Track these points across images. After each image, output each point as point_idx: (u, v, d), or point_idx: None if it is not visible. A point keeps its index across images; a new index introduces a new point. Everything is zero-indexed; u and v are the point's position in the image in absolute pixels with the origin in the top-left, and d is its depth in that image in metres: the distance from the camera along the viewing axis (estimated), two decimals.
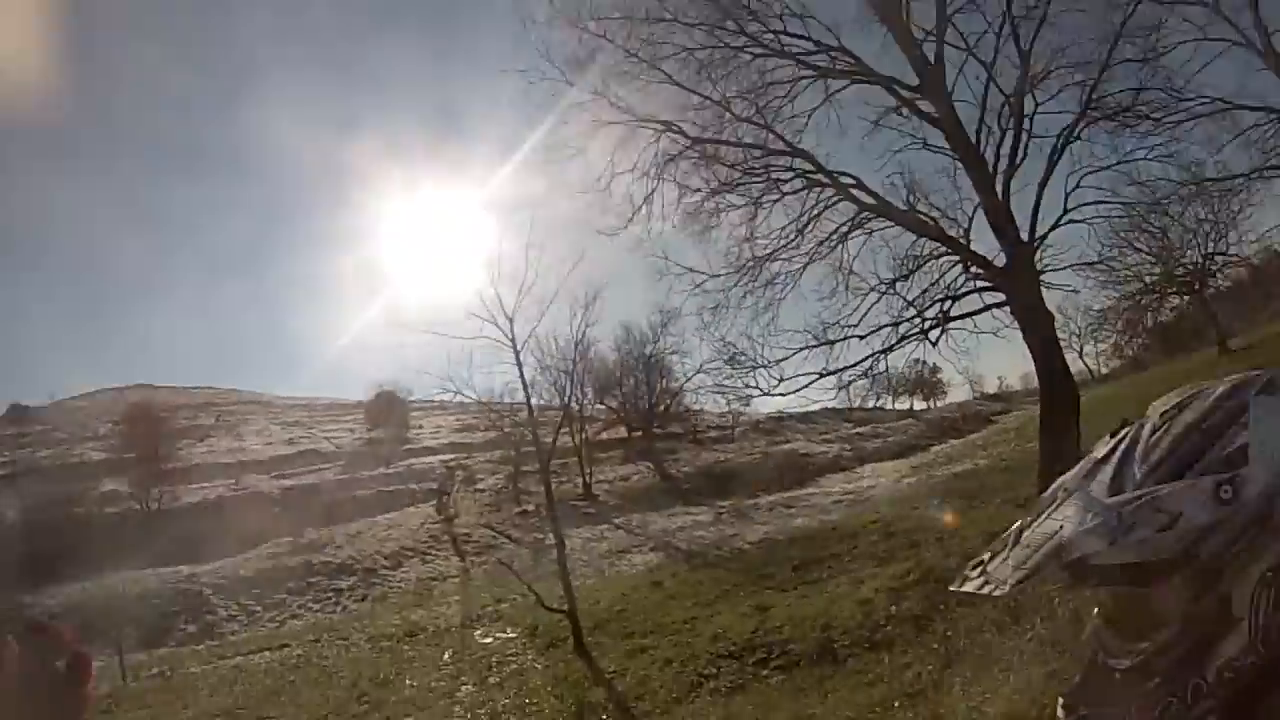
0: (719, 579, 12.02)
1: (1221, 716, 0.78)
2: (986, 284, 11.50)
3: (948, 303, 11.71)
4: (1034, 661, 4.88)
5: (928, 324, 11.68)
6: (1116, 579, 0.79)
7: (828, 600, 8.99)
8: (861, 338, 11.85)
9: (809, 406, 40.56)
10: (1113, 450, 0.83)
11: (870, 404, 39.41)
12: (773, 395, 11.82)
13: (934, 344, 11.67)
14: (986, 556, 0.88)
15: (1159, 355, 39.35)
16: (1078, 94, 11.20)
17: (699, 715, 6.40)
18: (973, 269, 11.54)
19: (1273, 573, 0.75)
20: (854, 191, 11.52)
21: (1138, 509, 0.76)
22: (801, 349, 11.82)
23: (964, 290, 11.69)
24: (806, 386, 11.75)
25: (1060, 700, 0.93)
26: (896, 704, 5.45)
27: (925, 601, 7.87)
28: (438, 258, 24.77)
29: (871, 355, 11.78)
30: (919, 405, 45.69)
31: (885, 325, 11.81)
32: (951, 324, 11.73)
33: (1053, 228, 11.55)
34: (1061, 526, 0.79)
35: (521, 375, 12.01)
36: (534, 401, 13.86)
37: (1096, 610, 0.89)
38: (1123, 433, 0.85)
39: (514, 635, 12.50)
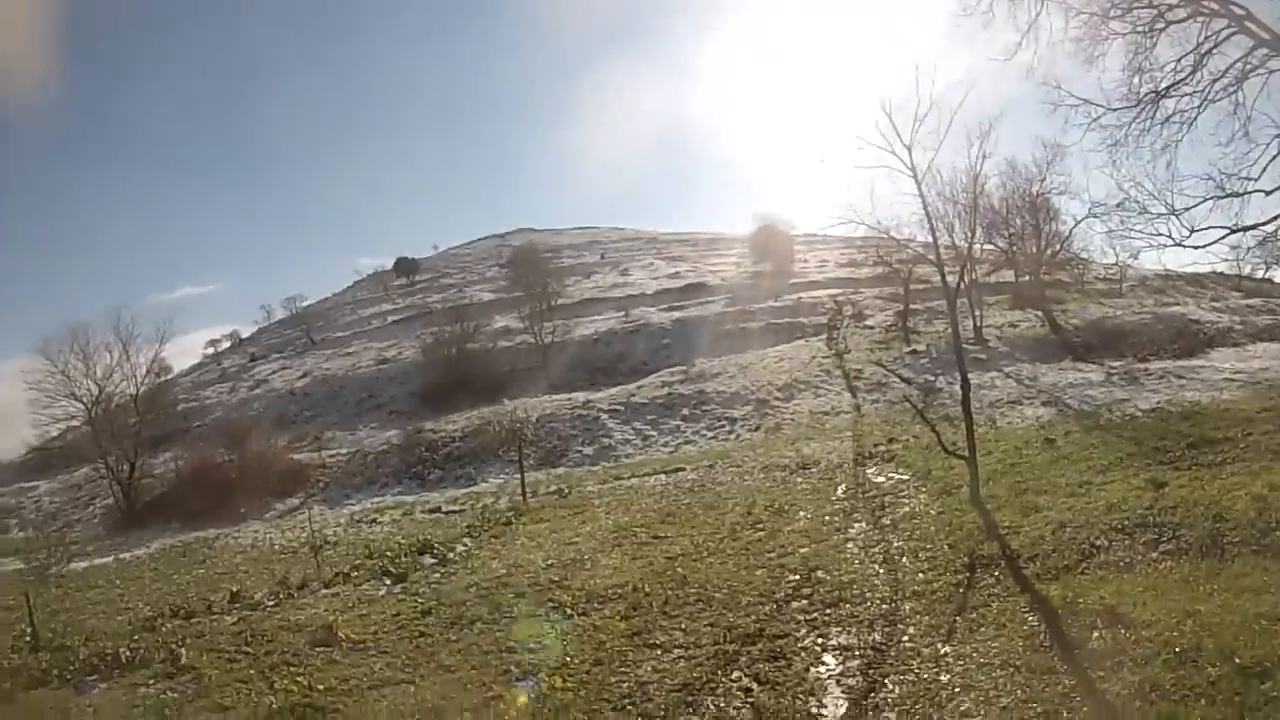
0: (1111, 445, 11.93)
1: None
2: None
3: None
4: None
5: None
6: None
7: (1221, 489, 8.46)
8: (1266, 193, 10.59)
9: (1194, 266, 33.48)
10: None
11: (1260, 274, 33.73)
12: (1184, 246, 10.62)
13: None
14: None
15: None
16: None
17: (1089, 589, 6.16)
18: None
19: None
20: (1248, 24, 10.07)
21: None
22: (1205, 200, 10.58)
23: None
24: (1220, 241, 10.57)
25: None
26: None
27: None
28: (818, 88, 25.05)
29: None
30: None
31: None
32: None
33: None
34: None
35: (925, 207, 12.02)
36: (924, 239, 13.88)
37: None
38: None
39: (906, 477, 12.61)
